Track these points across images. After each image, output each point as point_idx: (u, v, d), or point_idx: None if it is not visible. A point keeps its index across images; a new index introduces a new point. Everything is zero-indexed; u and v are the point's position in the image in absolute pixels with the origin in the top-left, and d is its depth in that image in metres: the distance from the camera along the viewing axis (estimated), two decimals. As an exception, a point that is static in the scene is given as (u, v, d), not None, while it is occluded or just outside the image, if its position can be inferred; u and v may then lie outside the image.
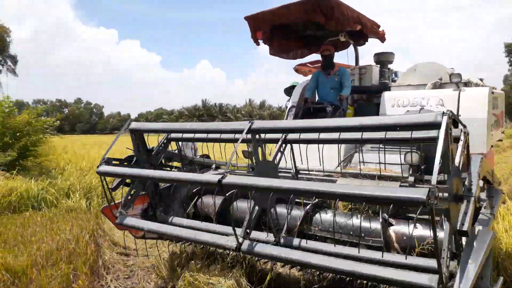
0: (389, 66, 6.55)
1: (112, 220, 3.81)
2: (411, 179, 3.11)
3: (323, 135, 3.24)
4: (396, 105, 4.96)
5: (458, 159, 2.30)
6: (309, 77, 6.32)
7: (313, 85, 5.79)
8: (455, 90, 4.80)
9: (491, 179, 3.35)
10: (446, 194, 2.01)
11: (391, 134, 2.79)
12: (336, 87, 5.73)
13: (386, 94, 5.20)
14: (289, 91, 6.54)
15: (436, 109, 4.59)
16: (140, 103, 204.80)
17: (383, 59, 6.36)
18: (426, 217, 2.71)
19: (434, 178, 1.87)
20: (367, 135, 2.89)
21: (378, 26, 5.78)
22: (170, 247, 5.28)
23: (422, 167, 3.10)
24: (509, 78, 55.98)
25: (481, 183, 2.91)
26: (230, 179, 2.62)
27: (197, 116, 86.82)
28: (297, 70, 7.43)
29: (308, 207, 3.25)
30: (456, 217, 2.17)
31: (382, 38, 5.95)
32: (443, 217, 2.47)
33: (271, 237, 3.07)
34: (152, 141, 3.94)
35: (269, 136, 3.36)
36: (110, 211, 3.78)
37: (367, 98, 6.39)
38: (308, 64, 7.18)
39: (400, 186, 3.06)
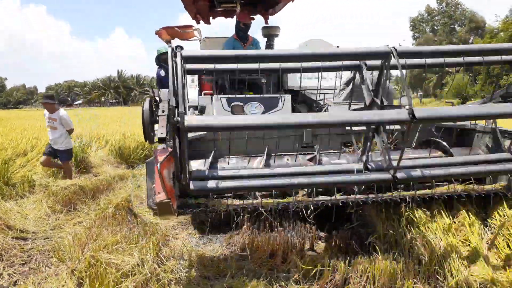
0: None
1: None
2: None
3: None
4: (303, 77, 5.11)
5: None
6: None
7: None
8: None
9: None
10: None
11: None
12: None
13: None
14: (160, 58, 6.44)
15: (334, 79, 4.85)
16: (49, 75, 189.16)
17: (271, 33, 6.39)
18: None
19: None
20: None
21: None
22: (74, 227, 4.95)
23: None
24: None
25: None
26: None
27: (113, 87, 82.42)
28: (160, 33, 6.96)
29: None
30: None
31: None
32: None
33: None
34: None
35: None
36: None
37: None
38: (176, 28, 6.72)
39: None
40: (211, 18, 6.14)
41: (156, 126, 4.18)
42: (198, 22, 6.06)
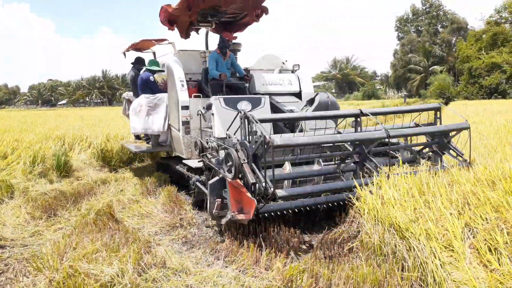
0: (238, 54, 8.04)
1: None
2: None
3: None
4: (264, 84, 6.80)
5: None
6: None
7: (215, 65, 6.64)
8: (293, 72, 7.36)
9: None
10: None
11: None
12: (229, 68, 6.87)
13: (255, 76, 6.88)
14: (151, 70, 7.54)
15: (288, 86, 7.01)
16: (32, 74, 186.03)
17: (235, 48, 7.69)
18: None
19: None
20: None
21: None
22: (55, 233, 4.84)
23: None
24: (397, 52, 61.13)
25: None
26: None
27: (97, 88, 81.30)
28: (137, 44, 8.65)
29: None
30: None
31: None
32: None
33: None
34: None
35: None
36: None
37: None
38: (153, 41, 8.46)
39: None
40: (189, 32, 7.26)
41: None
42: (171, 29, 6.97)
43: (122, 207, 5.75)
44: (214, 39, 7.72)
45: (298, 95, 7.03)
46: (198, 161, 5.10)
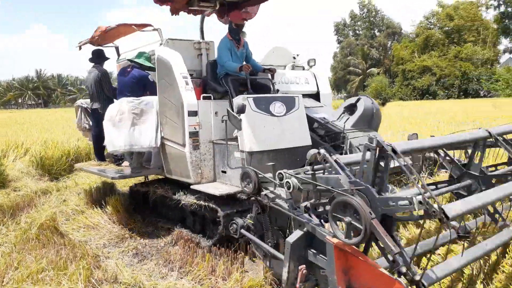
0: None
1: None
2: None
3: None
4: (280, 82, 5.68)
5: None
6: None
7: (229, 55, 5.21)
8: (307, 70, 6.32)
9: None
10: None
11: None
12: (243, 60, 5.42)
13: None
14: (143, 67, 5.67)
15: (305, 85, 6.02)
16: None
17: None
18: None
19: None
20: None
21: None
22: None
23: None
24: (337, 55, 63.44)
25: None
26: None
27: (31, 89, 76.51)
28: (109, 31, 6.03)
29: None
30: None
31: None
32: None
33: None
34: None
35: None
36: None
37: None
38: (133, 26, 6.02)
39: None
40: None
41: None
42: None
43: (66, 219, 5.47)
44: (210, 27, 6.48)
45: (316, 96, 6.02)
46: (245, 198, 3.88)
